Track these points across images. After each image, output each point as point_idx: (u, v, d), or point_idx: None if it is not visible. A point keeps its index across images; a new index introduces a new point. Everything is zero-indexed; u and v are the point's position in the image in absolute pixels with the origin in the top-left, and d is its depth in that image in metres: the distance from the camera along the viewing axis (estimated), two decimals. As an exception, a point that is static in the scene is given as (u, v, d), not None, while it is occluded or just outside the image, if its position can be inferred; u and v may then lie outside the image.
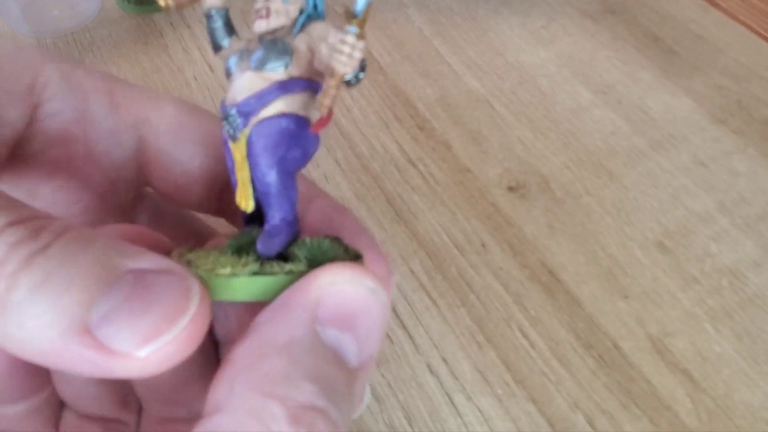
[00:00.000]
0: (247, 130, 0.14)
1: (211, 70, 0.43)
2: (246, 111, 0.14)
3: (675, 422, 0.27)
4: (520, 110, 0.39)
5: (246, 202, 0.15)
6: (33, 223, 0.11)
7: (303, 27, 0.15)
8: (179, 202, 0.19)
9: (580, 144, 0.37)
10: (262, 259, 0.15)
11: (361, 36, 0.14)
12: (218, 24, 0.16)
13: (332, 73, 0.14)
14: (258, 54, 0.15)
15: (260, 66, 0.14)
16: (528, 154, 0.37)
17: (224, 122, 0.15)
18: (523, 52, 0.43)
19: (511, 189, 0.35)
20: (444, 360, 0.29)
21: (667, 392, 0.28)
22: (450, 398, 0.28)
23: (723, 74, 0.41)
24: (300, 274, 0.14)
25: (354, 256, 0.15)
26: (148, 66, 0.44)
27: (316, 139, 0.15)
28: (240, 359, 0.12)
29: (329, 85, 0.14)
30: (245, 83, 0.14)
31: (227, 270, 0.14)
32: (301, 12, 0.15)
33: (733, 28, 0.45)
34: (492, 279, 0.32)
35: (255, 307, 0.14)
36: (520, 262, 0.32)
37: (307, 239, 0.15)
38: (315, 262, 0.14)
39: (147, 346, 0.11)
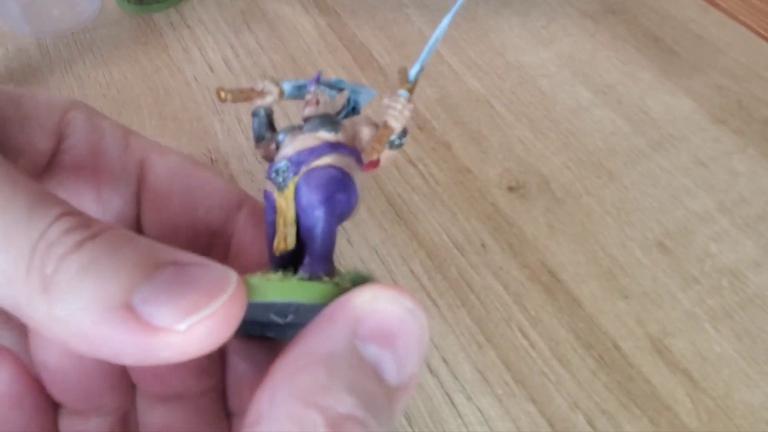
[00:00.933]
0: (296, 178, 0.16)
1: (211, 70, 0.43)
2: (298, 161, 0.16)
3: (675, 422, 0.27)
4: (520, 110, 0.39)
5: (287, 241, 0.16)
6: (84, 217, 0.12)
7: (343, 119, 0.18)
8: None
9: (580, 144, 0.37)
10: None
11: (410, 100, 0.16)
12: (263, 120, 0.18)
13: (384, 126, 0.16)
14: (312, 123, 0.17)
15: (313, 129, 0.16)
16: (528, 154, 0.37)
17: (271, 176, 0.16)
18: (523, 52, 0.43)
19: (511, 189, 0.35)
20: (444, 360, 0.29)
21: (667, 392, 0.28)
22: (450, 398, 0.28)
23: (723, 74, 0.41)
24: (345, 289, 0.14)
25: None
26: (148, 66, 0.44)
27: (356, 194, 0.17)
28: (281, 371, 0.13)
29: (381, 134, 0.16)
30: (298, 142, 0.16)
31: (278, 275, 0.15)
32: (343, 108, 0.18)
33: (733, 28, 0.45)
34: (492, 279, 0.32)
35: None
36: (520, 262, 0.32)
37: (344, 270, 0.16)
38: (357, 284, 0.15)
39: (186, 319, 0.11)
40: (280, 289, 0.14)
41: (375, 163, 0.17)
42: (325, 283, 0.15)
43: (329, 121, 0.17)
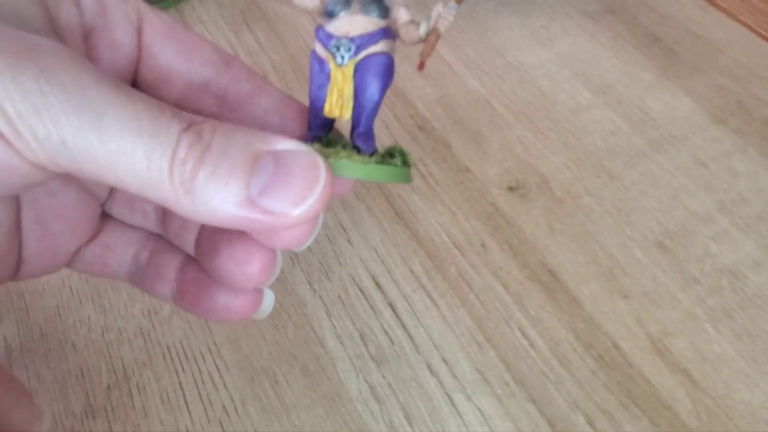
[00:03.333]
0: (357, 59, 0.19)
1: (211, 70, 0.43)
2: (360, 45, 0.19)
3: (675, 422, 0.27)
4: (520, 110, 0.39)
5: (344, 112, 0.19)
6: (196, 127, 0.15)
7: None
8: (160, 97, 0.21)
9: (580, 144, 0.37)
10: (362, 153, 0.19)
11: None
12: None
13: (435, 33, 0.19)
14: (366, 5, 0.19)
15: (369, 12, 0.19)
16: (528, 154, 0.37)
17: (331, 49, 0.19)
18: (523, 52, 0.43)
19: (511, 189, 0.35)
20: (444, 360, 0.29)
21: (667, 392, 0.28)
22: (450, 398, 0.28)
23: (723, 74, 0.41)
24: (402, 168, 0.19)
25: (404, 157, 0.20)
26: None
27: (393, 76, 0.20)
28: None
29: (433, 41, 0.19)
30: (358, 23, 0.19)
31: (359, 158, 0.18)
32: None
33: (733, 28, 0.45)
34: (492, 279, 0.32)
35: None
36: (520, 262, 0.32)
37: (389, 145, 0.20)
38: (403, 160, 0.19)
39: (298, 207, 0.16)
40: (362, 171, 0.18)
41: (422, 65, 0.21)
42: (392, 164, 0.19)
43: (383, 6, 0.19)
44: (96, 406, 0.28)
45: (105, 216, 0.23)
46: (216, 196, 0.15)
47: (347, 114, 0.19)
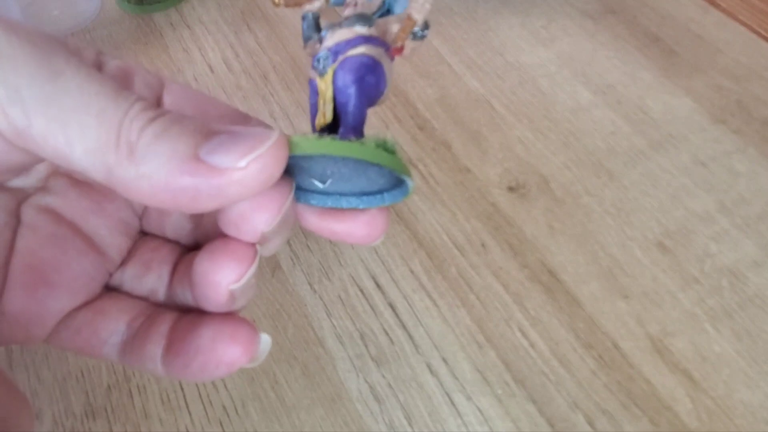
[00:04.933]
0: (335, 65, 0.19)
1: (211, 70, 0.43)
2: (336, 50, 0.19)
3: (675, 422, 0.27)
4: (520, 110, 0.39)
5: (326, 116, 0.20)
6: (152, 101, 0.16)
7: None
8: None
9: (580, 144, 0.37)
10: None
11: None
12: (311, 23, 0.21)
13: (408, 18, 0.20)
14: (349, 21, 0.20)
15: (350, 25, 0.19)
16: (528, 154, 0.37)
17: (314, 64, 0.19)
18: (523, 52, 0.43)
19: (511, 189, 0.35)
20: (444, 360, 0.29)
21: (667, 392, 0.28)
22: (450, 398, 0.28)
23: (723, 74, 0.41)
24: (369, 147, 0.17)
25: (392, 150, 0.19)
26: (148, 66, 0.44)
27: (384, 80, 0.20)
28: None
29: (405, 25, 0.20)
30: (337, 35, 0.19)
31: (315, 135, 0.17)
32: (378, 9, 0.21)
33: (733, 28, 0.45)
34: (492, 279, 0.32)
35: None
36: (520, 262, 0.32)
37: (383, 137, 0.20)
38: (380, 147, 0.18)
39: (245, 158, 0.15)
40: (315, 145, 0.17)
41: (400, 50, 0.21)
42: (351, 141, 0.17)
43: (364, 18, 0.20)
44: (96, 406, 0.28)
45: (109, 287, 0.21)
46: (159, 154, 0.15)
47: (329, 115, 0.20)
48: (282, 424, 0.27)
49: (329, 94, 0.20)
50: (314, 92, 0.20)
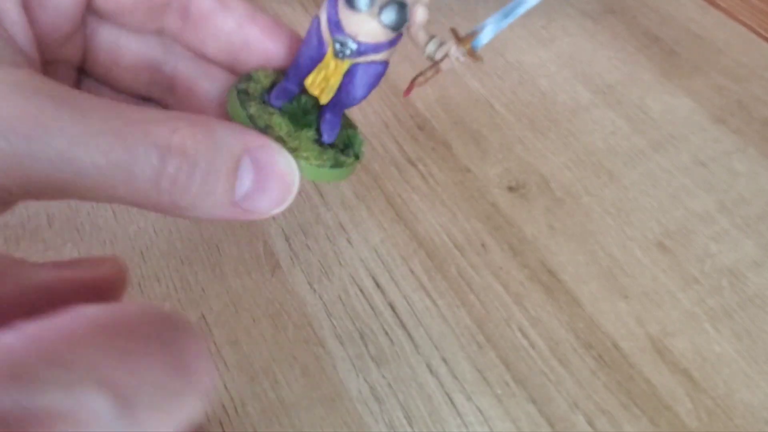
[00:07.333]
0: (355, 60, 0.19)
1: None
2: (362, 50, 0.19)
3: (675, 422, 0.27)
4: (520, 110, 0.39)
5: (323, 97, 0.20)
6: (178, 143, 0.17)
7: None
8: (119, 14, 0.21)
9: (580, 144, 0.37)
10: (321, 143, 0.21)
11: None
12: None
13: (436, 67, 0.20)
14: (389, 14, 0.18)
15: (387, 25, 0.19)
16: (528, 154, 0.37)
17: (336, 40, 0.19)
18: (523, 52, 0.43)
19: (511, 189, 0.35)
20: (444, 360, 0.29)
21: (667, 392, 0.28)
22: (450, 398, 0.28)
23: (723, 74, 0.41)
24: (354, 165, 0.21)
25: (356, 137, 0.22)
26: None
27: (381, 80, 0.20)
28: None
29: (428, 75, 0.20)
30: (371, 30, 0.19)
31: (317, 162, 0.20)
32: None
33: (733, 28, 0.45)
34: (492, 279, 0.32)
35: None
36: (520, 262, 0.32)
37: (348, 129, 0.22)
38: (355, 153, 0.21)
39: (275, 209, 0.18)
40: (318, 174, 0.20)
41: (411, 89, 0.21)
42: (344, 164, 0.20)
43: (401, 17, 0.18)
44: (96, 406, 0.28)
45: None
46: (204, 204, 0.17)
47: (324, 100, 0.20)
48: (282, 424, 0.27)
49: (335, 82, 0.20)
50: (319, 50, 0.20)
